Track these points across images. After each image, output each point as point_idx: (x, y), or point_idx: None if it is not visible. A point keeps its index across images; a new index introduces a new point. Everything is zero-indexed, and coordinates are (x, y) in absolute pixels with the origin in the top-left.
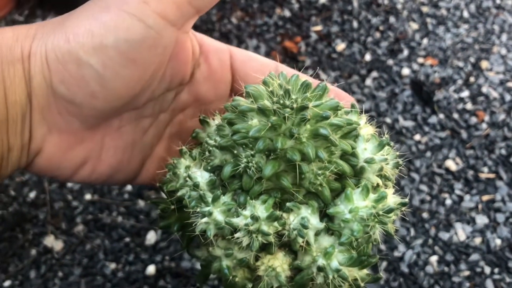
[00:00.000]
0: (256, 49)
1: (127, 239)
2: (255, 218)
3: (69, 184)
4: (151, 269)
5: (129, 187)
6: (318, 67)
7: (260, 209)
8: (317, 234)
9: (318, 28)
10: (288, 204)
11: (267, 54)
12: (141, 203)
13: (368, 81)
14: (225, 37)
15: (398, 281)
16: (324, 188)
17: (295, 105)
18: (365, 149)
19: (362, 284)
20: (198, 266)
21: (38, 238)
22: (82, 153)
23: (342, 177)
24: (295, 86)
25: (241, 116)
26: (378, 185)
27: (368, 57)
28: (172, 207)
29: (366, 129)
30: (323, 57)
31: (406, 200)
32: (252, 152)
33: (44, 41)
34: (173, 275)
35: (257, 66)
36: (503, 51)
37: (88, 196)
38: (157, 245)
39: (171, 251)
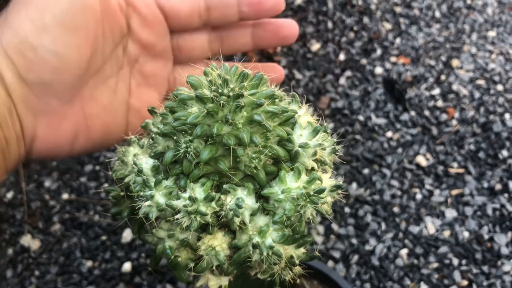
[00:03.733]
0: None
1: (104, 237)
2: (193, 200)
3: (47, 184)
4: (127, 266)
5: (105, 186)
6: (293, 67)
7: (198, 191)
8: (253, 214)
9: None
10: (225, 186)
11: (243, 54)
12: None
13: (342, 80)
14: None
15: (369, 274)
16: (259, 171)
17: (231, 93)
18: (301, 135)
19: (297, 262)
20: None
21: (15, 237)
22: (69, 127)
23: (278, 161)
24: (233, 76)
25: (182, 104)
26: (313, 168)
27: (342, 56)
28: (122, 193)
29: (305, 117)
30: (298, 57)
31: (341, 182)
32: (190, 138)
33: (2, 46)
34: (149, 271)
35: None
36: (473, 49)
37: (65, 196)
38: (133, 242)
39: (147, 248)
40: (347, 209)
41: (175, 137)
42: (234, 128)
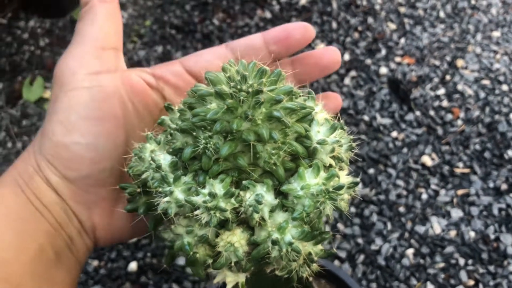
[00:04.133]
0: None
1: None
2: (212, 195)
3: None
4: (133, 266)
5: None
6: None
7: (218, 187)
8: (272, 210)
9: None
10: (244, 182)
11: None
12: None
13: (347, 80)
14: (207, 38)
15: (375, 274)
16: (278, 167)
17: (250, 90)
18: (319, 132)
19: (315, 258)
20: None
21: None
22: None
23: (297, 158)
24: (252, 72)
25: (200, 100)
26: (331, 165)
27: (347, 56)
28: (138, 190)
29: (322, 114)
30: None
31: (358, 179)
32: (210, 134)
33: (40, 151)
34: (155, 271)
35: (210, 58)
36: (478, 50)
37: None
38: (139, 242)
39: (153, 248)
40: (352, 209)
41: (194, 133)
42: (254, 124)
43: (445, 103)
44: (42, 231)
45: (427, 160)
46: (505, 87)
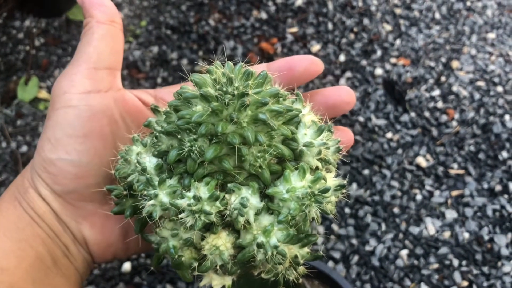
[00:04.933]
0: (233, 50)
1: None
2: (197, 199)
3: None
4: (126, 266)
5: None
6: None
7: (203, 190)
8: (257, 213)
9: (294, 29)
10: (229, 185)
11: (244, 55)
12: None
13: (342, 81)
14: (202, 39)
15: (369, 275)
16: (264, 170)
17: (236, 92)
18: (305, 134)
19: (301, 261)
20: None
21: None
22: (116, 225)
23: (283, 160)
24: (238, 74)
25: (186, 103)
26: (317, 168)
27: (342, 57)
28: (125, 192)
29: (309, 116)
30: None
31: (345, 182)
32: (195, 137)
33: (33, 166)
34: (149, 272)
35: None
36: (473, 51)
37: None
38: None
39: None
40: (347, 210)
41: (179, 136)
42: (239, 127)
43: (440, 104)
44: (39, 239)
45: (421, 161)
46: (500, 89)
